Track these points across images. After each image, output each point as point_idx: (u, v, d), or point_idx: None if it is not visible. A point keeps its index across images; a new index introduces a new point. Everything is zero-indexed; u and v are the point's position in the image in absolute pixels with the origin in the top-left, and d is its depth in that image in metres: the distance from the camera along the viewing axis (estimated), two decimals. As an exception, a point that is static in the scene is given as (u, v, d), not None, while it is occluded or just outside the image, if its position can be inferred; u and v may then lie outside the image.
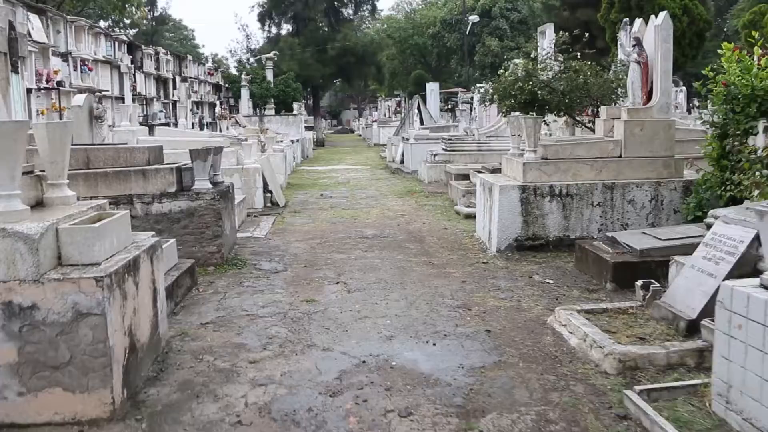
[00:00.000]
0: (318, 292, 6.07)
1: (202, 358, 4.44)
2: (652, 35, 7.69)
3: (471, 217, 9.50)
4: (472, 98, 23.14)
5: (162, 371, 4.22)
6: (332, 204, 12.16)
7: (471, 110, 23.15)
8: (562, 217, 7.45)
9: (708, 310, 4.37)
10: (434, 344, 4.64)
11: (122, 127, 11.51)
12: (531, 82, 9.58)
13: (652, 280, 5.11)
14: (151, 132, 14.07)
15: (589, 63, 9.96)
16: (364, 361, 4.34)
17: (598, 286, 6.01)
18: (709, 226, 5.07)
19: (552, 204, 7.43)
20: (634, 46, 7.94)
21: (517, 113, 9.92)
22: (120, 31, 25.82)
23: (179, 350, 4.59)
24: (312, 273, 6.79)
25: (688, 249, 5.67)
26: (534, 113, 9.57)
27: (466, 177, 12.19)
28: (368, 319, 5.21)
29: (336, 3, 43.03)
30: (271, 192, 11.84)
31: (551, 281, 6.26)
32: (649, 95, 7.90)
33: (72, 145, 7.73)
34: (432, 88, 27.42)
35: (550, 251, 7.32)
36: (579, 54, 10.51)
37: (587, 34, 12.40)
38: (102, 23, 34.39)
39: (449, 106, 33.95)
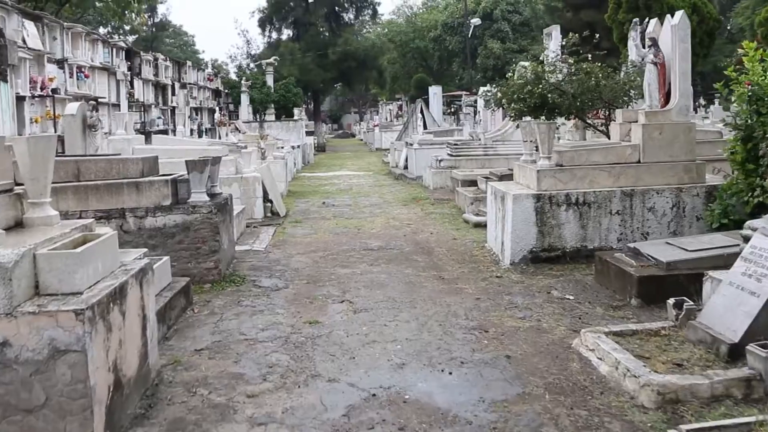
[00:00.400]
0: (322, 312, 5.67)
1: (195, 392, 4.05)
2: (669, 35, 7.33)
3: (480, 225, 9.11)
4: (475, 101, 22.73)
5: (151, 407, 3.83)
6: (335, 213, 11.76)
7: (475, 114, 22.76)
8: (579, 226, 7.06)
9: (752, 333, 3.98)
10: (450, 373, 4.24)
11: (117, 136, 11.15)
12: (541, 85, 9.21)
13: (685, 298, 4.70)
14: (148, 139, 13.70)
15: (600, 64, 9.59)
16: (374, 395, 3.94)
17: (623, 302, 5.61)
18: (746, 239, 4.67)
19: (568, 213, 7.04)
20: (650, 46, 7.56)
21: (528, 118, 9.54)
22: (119, 38, 25.52)
23: (171, 382, 4.20)
24: (315, 290, 6.39)
25: (719, 261, 5.30)
26: (544, 117, 9.19)
27: (473, 183, 11.79)
28: (377, 344, 4.81)
29: (337, 8, 42.69)
30: (271, 201, 11.44)
31: (571, 297, 5.86)
32: (666, 97, 7.52)
33: (62, 156, 7.40)
34: (435, 92, 27.03)
35: (568, 263, 6.92)
36: (589, 56, 10.14)
37: (597, 36, 12.05)
38: (101, 29, 34.08)
39: (452, 110, 33.58)
